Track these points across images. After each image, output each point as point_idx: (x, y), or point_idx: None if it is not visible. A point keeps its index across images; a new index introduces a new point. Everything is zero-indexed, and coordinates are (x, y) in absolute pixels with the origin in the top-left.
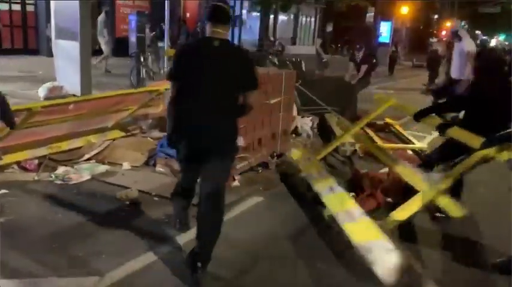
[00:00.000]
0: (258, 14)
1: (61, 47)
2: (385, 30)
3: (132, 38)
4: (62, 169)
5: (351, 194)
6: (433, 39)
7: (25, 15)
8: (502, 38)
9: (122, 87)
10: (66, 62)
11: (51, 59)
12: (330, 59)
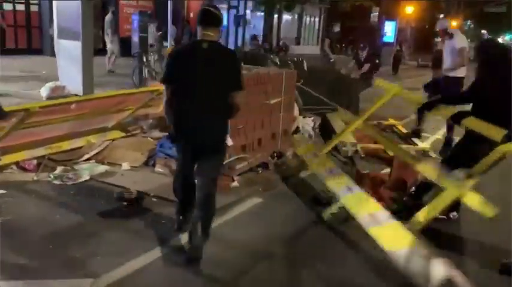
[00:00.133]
0: (262, 14)
1: (63, 46)
2: (389, 30)
3: (134, 38)
4: (61, 169)
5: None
6: (438, 39)
7: (29, 15)
8: (508, 37)
9: (124, 87)
10: (68, 62)
11: (55, 59)
12: (336, 59)
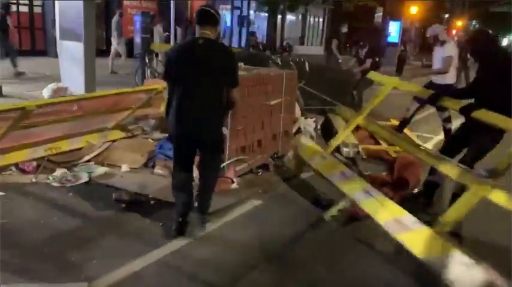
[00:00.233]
0: (266, 15)
1: (65, 47)
2: (394, 30)
3: (137, 39)
4: (60, 171)
5: None
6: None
7: (32, 17)
8: None
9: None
10: (70, 63)
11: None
12: (342, 59)
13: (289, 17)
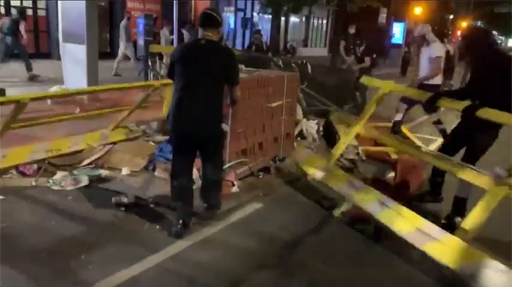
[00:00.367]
0: (270, 17)
1: (68, 50)
2: (398, 31)
3: (140, 41)
4: (60, 174)
5: None
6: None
7: (36, 20)
8: None
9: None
10: (73, 66)
11: None
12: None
13: (293, 18)
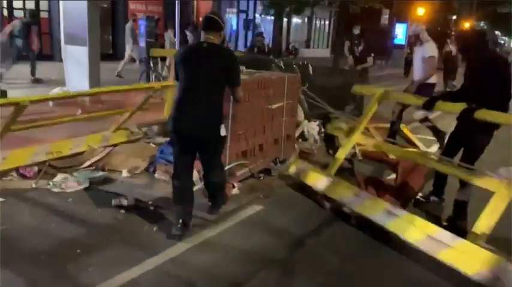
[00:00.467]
0: (272, 18)
1: (70, 52)
2: (400, 32)
3: (141, 43)
4: (61, 177)
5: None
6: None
7: (39, 22)
8: None
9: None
10: (75, 67)
11: None
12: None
13: (295, 19)
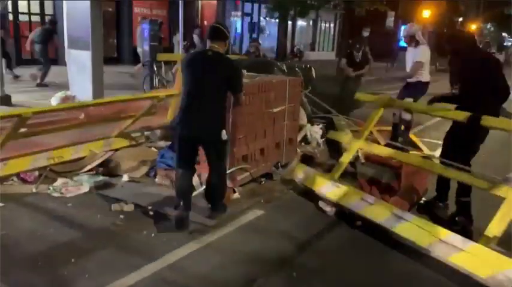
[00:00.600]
0: (277, 21)
1: (73, 56)
2: None
3: (145, 47)
4: (61, 181)
5: None
6: None
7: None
8: None
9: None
10: (78, 71)
11: None
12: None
13: (300, 22)
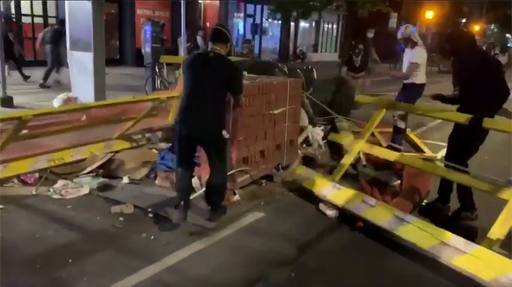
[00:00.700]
0: (279, 22)
1: (75, 58)
2: None
3: (147, 49)
4: (61, 183)
5: None
6: None
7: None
8: None
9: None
10: (80, 73)
11: None
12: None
13: (303, 23)
